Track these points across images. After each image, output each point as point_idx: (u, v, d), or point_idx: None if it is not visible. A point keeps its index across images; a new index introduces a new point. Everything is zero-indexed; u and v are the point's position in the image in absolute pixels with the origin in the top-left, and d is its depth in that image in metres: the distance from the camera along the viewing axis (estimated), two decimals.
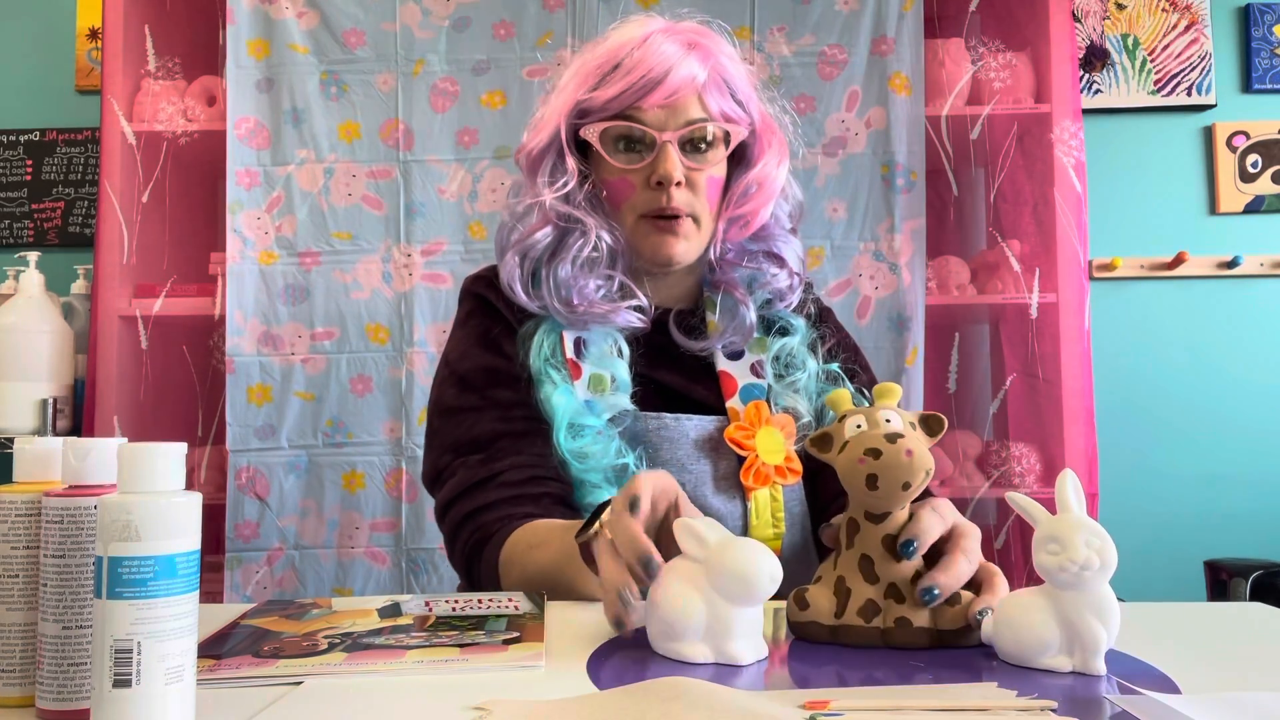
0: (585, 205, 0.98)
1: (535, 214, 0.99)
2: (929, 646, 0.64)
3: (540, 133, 0.99)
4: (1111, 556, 0.58)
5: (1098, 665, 0.58)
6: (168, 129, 1.81)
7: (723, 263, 1.03)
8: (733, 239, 1.02)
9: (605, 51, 0.97)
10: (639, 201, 0.96)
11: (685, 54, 0.94)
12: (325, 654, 0.62)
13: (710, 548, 0.62)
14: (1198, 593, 1.90)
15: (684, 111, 0.94)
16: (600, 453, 0.93)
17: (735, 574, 0.60)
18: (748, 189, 1.00)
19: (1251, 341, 2.12)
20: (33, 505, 0.53)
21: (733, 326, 1.01)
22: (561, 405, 0.94)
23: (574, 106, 0.97)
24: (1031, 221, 1.83)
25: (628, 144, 0.96)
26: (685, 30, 0.98)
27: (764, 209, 1.01)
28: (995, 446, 1.79)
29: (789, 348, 1.03)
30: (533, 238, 0.98)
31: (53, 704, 0.51)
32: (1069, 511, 0.60)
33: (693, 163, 0.95)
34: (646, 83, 0.92)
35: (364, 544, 1.72)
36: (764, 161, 1.00)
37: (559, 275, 0.97)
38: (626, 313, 0.97)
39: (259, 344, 1.74)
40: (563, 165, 0.98)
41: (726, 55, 0.98)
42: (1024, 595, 0.61)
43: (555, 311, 0.97)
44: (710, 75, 0.95)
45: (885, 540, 0.65)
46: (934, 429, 0.67)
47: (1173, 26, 2.15)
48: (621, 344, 0.98)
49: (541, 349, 0.97)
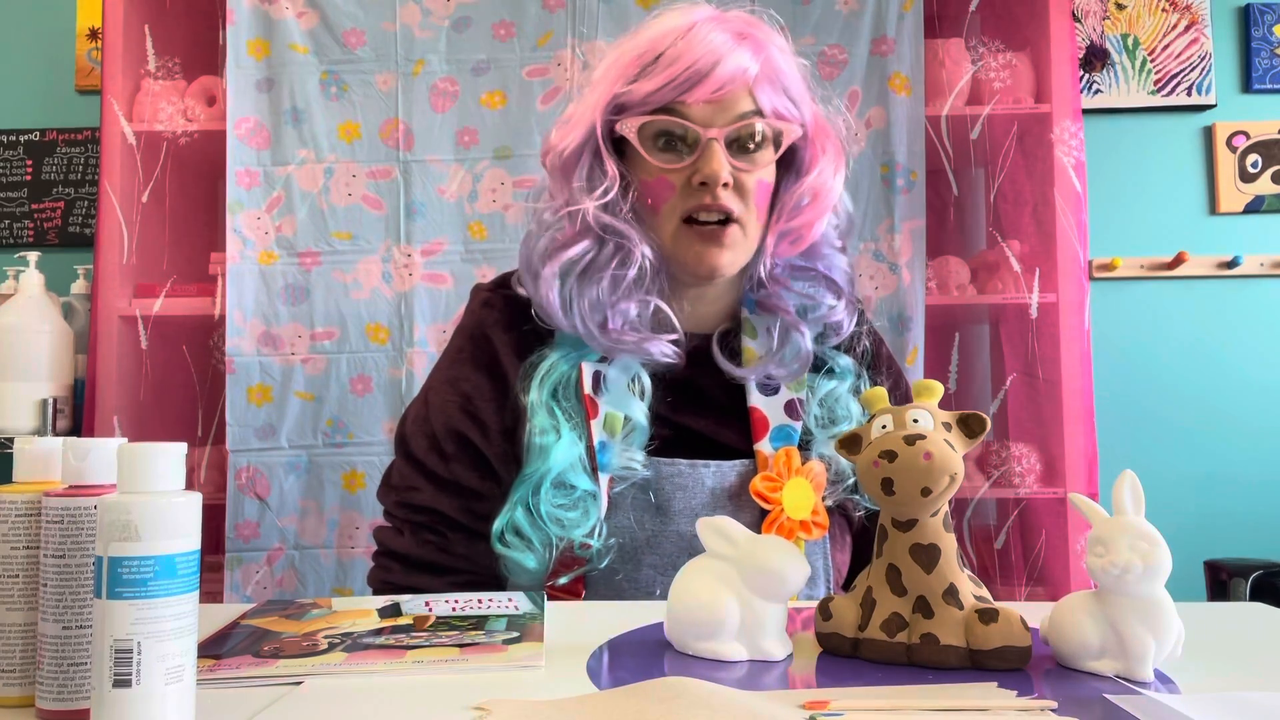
0: (627, 215, 0.88)
1: (571, 223, 0.89)
2: (958, 667, 0.59)
3: (573, 131, 0.89)
4: (1161, 561, 0.56)
5: (1143, 672, 0.56)
6: (168, 129, 1.81)
7: (772, 280, 0.93)
8: (782, 255, 0.92)
9: (645, 41, 0.87)
10: (679, 203, 0.87)
11: (735, 45, 0.84)
12: (325, 654, 0.62)
13: (741, 545, 0.62)
14: (1198, 593, 1.90)
15: (733, 107, 0.85)
16: (575, 523, 0.85)
17: (769, 570, 0.60)
18: (800, 200, 0.90)
19: (1251, 341, 2.12)
20: (33, 505, 0.53)
21: (779, 358, 0.91)
22: (559, 456, 0.85)
23: (610, 101, 0.87)
24: (1031, 221, 1.83)
25: (668, 141, 0.86)
26: (734, 20, 0.88)
27: (818, 222, 0.92)
28: (995, 446, 1.79)
29: (835, 394, 0.94)
30: (571, 252, 0.87)
31: (53, 704, 0.51)
32: (1123, 514, 0.58)
33: (741, 163, 0.86)
34: (692, 75, 0.83)
35: (364, 544, 1.72)
36: (819, 169, 0.91)
37: (593, 295, 0.87)
38: (662, 344, 0.88)
39: (259, 344, 1.75)
40: (601, 168, 0.88)
41: (779, 48, 0.89)
42: (1075, 597, 0.60)
43: (587, 335, 0.88)
44: (763, 68, 0.85)
45: (913, 550, 0.61)
46: (975, 430, 0.62)
47: (1173, 26, 2.15)
48: (644, 380, 0.90)
49: (549, 381, 0.89)
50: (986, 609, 0.60)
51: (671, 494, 0.88)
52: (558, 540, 0.86)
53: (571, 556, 0.86)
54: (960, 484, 0.61)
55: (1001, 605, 0.60)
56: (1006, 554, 1.80)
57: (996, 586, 1.77)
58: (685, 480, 0.89)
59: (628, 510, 0.88)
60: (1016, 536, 1.80)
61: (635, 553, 0.87)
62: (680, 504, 0.88)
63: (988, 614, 0.59)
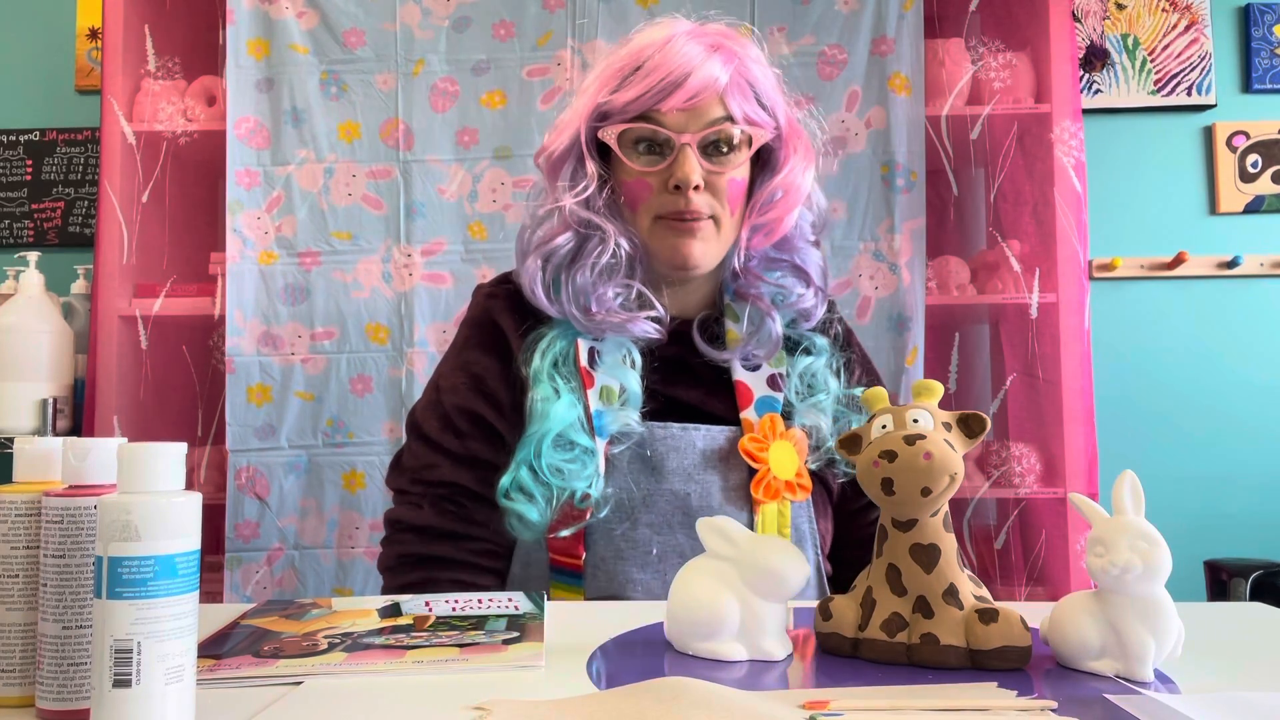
0: (605, 211, 0.96)
1: (556, 218, 0.98)
2: (958, 667, 0.59)
3: (561, 135, 0.98)
4: (1160, 561, 0.56)
5: (1143, 672, 0.56)
6: (168, 129, 1.81)
7: (746, 272, 1.00)
8: (756, 247, 1.00)
9: (627, 54, 0.95)
10: (656, 204, 0.94)
11: (708, 56, 0.92)
12: (325, 654, 0.62)
13: (741, 546, 0.62)
14: (1198, 593, 1.90)
15: (705, 114, 0.92)
16: (575, 474, 0.91)
17: (770, 571, 0.60)
18: (772, 195, 0.98)
19: (1251, 341, 2.12)
20: (33, 505, 0.53)
21: (756, 339, 0.99)
22: (558, 415, 0.92)
23: (595, 109, 0.95)
24: (1031, 221, 1.83)
25: (648, 146, 0.94)
26: (710, 33, 0.96)
27: (789, 215, 0.98)
28: (995, 446, 1.79)
29: (813, 369, 1.01)
30: (554, 242, 0.96)
31: (53, 704, 0.51)
32: (1123, 514, 0.59)
33: (713, 165, 0.93)
34: (666, 84, 0.90)
35: (364, 544, 1.72)
36: (789, 167, 0.98)
37: (578, 282, 0.95)
38: (643, 323, 0.96)
39: (259, 344, 1.74)
40: (583, 169, 0.96)
41: (752, 59, 0.96)
42: (1075, 597, 0.60)
43: (573, 318, 0.96)
44: (733, 78, 0.93)
45: (913, 550, 0.61)
46: (975, 429, 0.63)
47: (1173, 26, 2.15)
48: (634, 355, 0.97)
49: (549, 354, 0.96)
50: (986, 609, 0.60)
51: (665, 454, 0.95)
52: (559, 492, 0.91)
53: (572, 510, 0.92)
54: (960, 484, 0.61)
55: (1001, 605, 0.60)
56: (1006, 554, 1.80)
57: (996, 586, 1.77)
58: (678, 442, 0.95)
59: (624, 471, 0.94)
60: (1016, 536, 1.80)
61: (632, 511, 0.93)
62: (674, 464, 0.94)
63: (988, 614, 0.59)
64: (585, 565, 0.92)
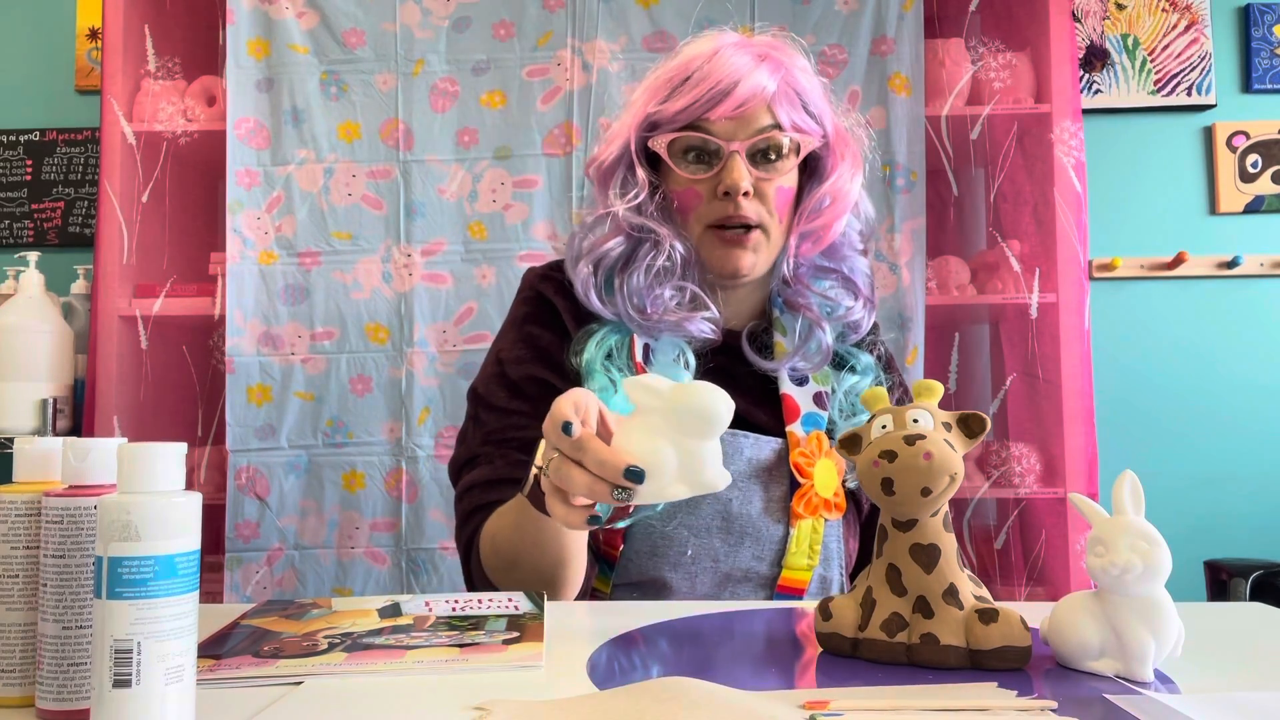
0: (657, 216, 0.97)
1: (608, 224, 0.99)
2: (958, 667, 0.59)
3: (611, 145, 0.99)
4: (1160, 561, 0.56)
5: (1143, 672, 0.56)
6: (168, 129, 1.81)
7: (795, 280, 1.01)
8: (805, 254, 1.01)
9: (676, 65, 0.97)
10: (706, 212, 0.95)
11: (755, 65, 0.93)
12: (325, 654, 0.62)
13: (666, 394, 0.63)
14: (1198, 593, 1.90)
15: (753, 122, 0.93)
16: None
17: (698, 410, 0.62)
18: (820, 202, 0.98)
19: (1251, 341, 2.12)
20: (33, 505, 0.53)
21: (804, 351, 1.00)
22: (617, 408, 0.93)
23: (645, 119, 0.97)
24: (1031, 221, 1.83)
25: (697, 155, 0.95)
26: (757, 43, 0.97)
27: (837, 222, 0.99)
28: (995, 446, 1.79)
29: (858, 389, 1.02)
30: (605, 247, 0.97)
31: (53, 704, 0.51)
32: (1123, 514, 0.59)
33: (762, 173, 0.94)
34: (715, 94, 0.92)
35: (364, 544, 1.72)
36: (837, 174, 0.99)
37: (632, 283, 0.96)
38: (700, 322, 0.96)
39: (259, 344, 1.75)
40: (633, 177, 0.97)
41: (799, 68, 0.98)
42: (1075, 597, 0.60)
43: (628, 319, 0.96)
44: (781, 86, 0.94)
45: (913, 550, 0.61)
46: (975, 430, 0.63)
47: (1173, 26, 2.15)
48: (689, 355, 0.97)
49: (603, 346, 0.96)
50: (986, 609, 0.59)
51: None
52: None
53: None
54: (960, 484, 0.61)
55: (1001, 605, 0.60)
56: (1006, 554, 1.80)
57: (996, 586, 1.77)
58: (726, 448, 0.94)
59: None
60: (1016, 536, 1.80)
61: (674, 511, 0.94)
62: None
63: (988, 614, 0.59)
64: (620, 557, 0.93)
